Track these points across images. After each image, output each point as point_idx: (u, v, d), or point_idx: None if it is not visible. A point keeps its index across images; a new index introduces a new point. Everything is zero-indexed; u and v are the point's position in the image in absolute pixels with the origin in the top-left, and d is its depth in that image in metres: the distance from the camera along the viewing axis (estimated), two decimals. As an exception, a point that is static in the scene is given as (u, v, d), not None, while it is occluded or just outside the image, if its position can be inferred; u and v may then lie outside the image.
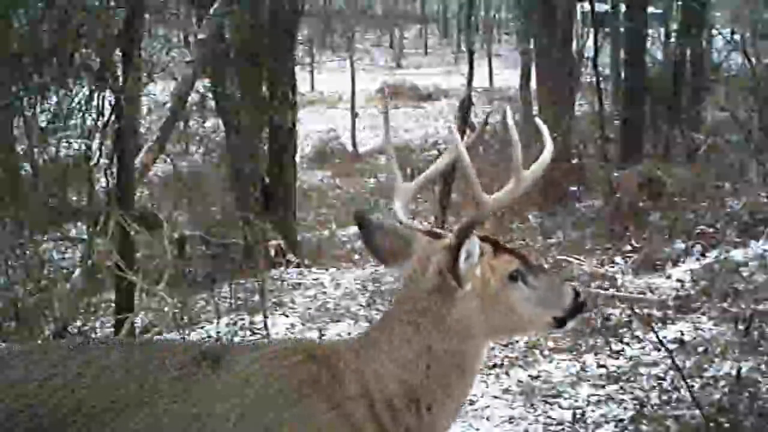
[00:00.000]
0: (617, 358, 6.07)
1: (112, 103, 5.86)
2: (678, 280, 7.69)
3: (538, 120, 2.76)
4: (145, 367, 2.28)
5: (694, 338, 6.20)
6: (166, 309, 5.80)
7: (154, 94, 9.46)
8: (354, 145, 20.39)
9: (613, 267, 8.38)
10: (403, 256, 2.52)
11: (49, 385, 2.19)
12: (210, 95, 10.45)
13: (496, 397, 5.51)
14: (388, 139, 2.78)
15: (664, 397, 5.22)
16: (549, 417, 5.19)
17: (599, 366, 5.94)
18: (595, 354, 6.16)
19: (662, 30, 16.13)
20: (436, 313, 2.40)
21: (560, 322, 2.53)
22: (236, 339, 6.43)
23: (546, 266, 7.38)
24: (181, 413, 2.24)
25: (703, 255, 8.32)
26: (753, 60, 11.93)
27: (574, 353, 6.21)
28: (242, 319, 7.04)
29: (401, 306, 2.47)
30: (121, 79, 5.75)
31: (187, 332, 6.15)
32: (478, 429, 5.05)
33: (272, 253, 9.29)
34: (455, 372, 2.41)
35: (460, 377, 2.43)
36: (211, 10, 8.15)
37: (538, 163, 2.55)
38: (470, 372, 2.46)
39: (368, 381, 2.36)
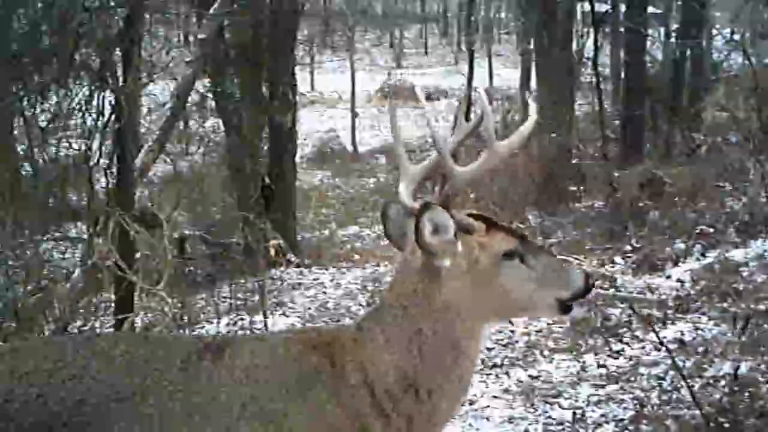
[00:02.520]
0: (617, 358, 6.07)
1: (112, 103, 5.85)
2: (678, 280, 7.69)
3: (528, 98, 2.75)
4: (148, 359, 2.33)
5: (694, 338, 6.19)
6: (166, 309, 5.80)
7: (154, 94, 9.45)
8: (354, 145, 20.41)
9: (613, 267, 8.38)
10: (406, 241, 2.49)
11: (58, 376, 2.26)
12: (210, 95, 10.45)
13: (496, 397, 5.51)
14: (394, 123, 2.74)
15: (664, 397, 5.21)
16: (549, 417, 5.18)
17: (599, 366, 5.94)
18: (595, 354, 6.16)
19: (662, 30, 16.15)
20: (424, 294, 2.37)
21: (564, 305, 2.46)
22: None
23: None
24: (183, 404, 2.27)
25: (703, 255, 8.32)
26: (753, 60, 11.93)
27: (574, 353, 6.21)
28: (242, 319, 7.04)
29: (392, 291, 2.46)
30: (121, 79, 5.75)
31: (187, 332, 6.14)
32: (478, 429, 5.05)
33: (272, 253, 9.30)
34: (450, 355, 2.37)
35: (457, 360, 2.38)
36: (211, 10, 8.15)
37: (515, 135, 2.48)
38: (467, 354, 2.41)
39: (367, 369, 2.35)
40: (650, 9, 14.81)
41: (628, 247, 8.98)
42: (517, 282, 2.40)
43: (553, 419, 5.15)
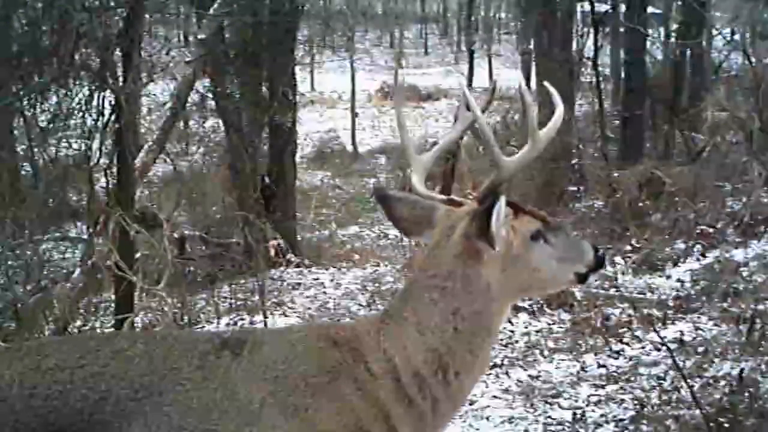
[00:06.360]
0: (617, 358, 6.07)
1: (112, 103, 5.85)
2: (678, 280, 7.70)
3: (547, 84, 2.80)
4: (167, 357, 2.36)
5: (694, 338, 6.20)
6: (166, 309, 5.81)
7: (154, 94, 9.45)
8: (354, 145, 20.39)
9: (613, 267, 8.38)
10: (425, 225, 2.58)
11: (80, 373, 2.29)
12: (210, 95, 10.44)
13: (496, 397, 5.51)
14: (399, 113, 2.87)
15: (664, 397, 5.22)
16: (549, 417, 5.19)
17: (599, 366, 5.95)
18: (595, 354, 6.16)
19: (662, 30, 16.15)
20: (463, 276, 2.43)
21: (582, 278, 2.60)
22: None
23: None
24: (202, 399, 2.29)
25: (703, 255, 8.33)
26: (753, 60, 11.94)
27: (574, 353, 6.21)
28: (242, 319, 7.04)
29: (424, 274, 2.49)
30: (121, 79, 5.75)
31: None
32: (478, 429, 5.05)
33: (272, 253, 9.30)
34: (482, 333, 2.45)
35: (485, 340, 2.47)
36: (211, 10, 8.15)
37: (551, 124, 2.61)
38: (495, 333, 2.53)
39: (392, 357, 2.39)
40: (650, 9, 14.80)
41: (628, 247, 8.98)
42: (543, 260, 2.52)
43: (553, 419, 5.15)
